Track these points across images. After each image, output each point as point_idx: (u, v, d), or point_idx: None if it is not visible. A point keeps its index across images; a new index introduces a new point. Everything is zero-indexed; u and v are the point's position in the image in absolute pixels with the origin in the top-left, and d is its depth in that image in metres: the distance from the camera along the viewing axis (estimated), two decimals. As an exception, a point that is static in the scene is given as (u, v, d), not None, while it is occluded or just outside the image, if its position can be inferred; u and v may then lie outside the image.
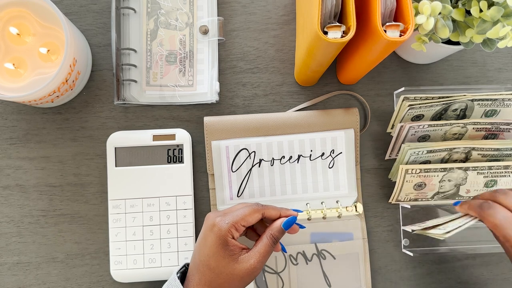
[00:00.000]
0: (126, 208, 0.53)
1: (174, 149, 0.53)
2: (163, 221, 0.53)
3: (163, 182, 0.53)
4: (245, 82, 0.58)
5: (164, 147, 0.53)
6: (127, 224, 0.53)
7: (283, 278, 0.56)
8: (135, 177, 0.53)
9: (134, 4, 0.57)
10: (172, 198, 0.53)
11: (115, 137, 0.54)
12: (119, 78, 0.55)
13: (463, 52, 0.60)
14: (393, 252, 0.58)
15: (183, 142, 0.54)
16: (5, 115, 0.57)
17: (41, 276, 0.55)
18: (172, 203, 0.53)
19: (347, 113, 0.57)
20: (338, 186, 0.56)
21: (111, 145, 0.53)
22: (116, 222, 0.53)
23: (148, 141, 0.53)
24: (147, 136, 0.53)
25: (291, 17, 0.59)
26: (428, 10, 0.44)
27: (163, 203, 0.53)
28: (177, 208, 0.53)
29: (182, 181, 0.53)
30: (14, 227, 0.56)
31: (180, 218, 0.53)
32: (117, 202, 0.53)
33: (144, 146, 0.53)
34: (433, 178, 0.53)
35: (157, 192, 0.53)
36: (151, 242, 0.53)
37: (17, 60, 0.51)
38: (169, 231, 0.53)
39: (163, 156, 0.53)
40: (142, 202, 0.53)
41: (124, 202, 0.53)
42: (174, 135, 0.54)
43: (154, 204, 0.53)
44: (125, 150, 0.53)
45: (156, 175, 0.53)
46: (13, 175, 0.56)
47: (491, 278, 0.58)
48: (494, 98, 0.53)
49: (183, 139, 0.54)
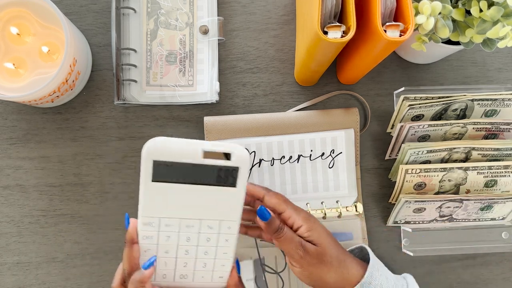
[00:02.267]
0: (160, 227, 0.44)
1: (226, 170, 0.42)
2: (201, 242, 0.45)
3: (208, 204, 0.44)
4: (245, 82, 0.58)
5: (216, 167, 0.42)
6: (159, 241, 0.45)
7: (283, 278, 0.56)
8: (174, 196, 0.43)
9: (134, 4, 0.57)
10: (215, 222, 0.45)
11: (154, 146, 0.41)
12: (119, 78, 0.55)
13: (463, 52, 0.60)
14: (393, 252, 0.58)
15: (241, 164, 0.42)
16: (5, 115, 0.57)
17: (41, 276, 0.55)
18: (215, 227, 0.45)
19: (347, 113, 0.57)
20: (338, 186, 0.56)
21: (148, 156, 0.41)
22: (147, 239, 0.44)
23: (196, 158, 0.41)
24: (196, 152, 0.41)
25: (291, 17, 0.59)
26: (428, 10, 0.44)
27: (204, 226, 0.45)
28: (219, 232, 0.45)
29: (231, 206, 0.44)
30: (14, 227, 0.56)
31: (221, 242, 0.45)
32: (149, 219, 0.44)
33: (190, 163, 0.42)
34: (433, 178, 0.53)
35: (199, 214, 0.44)
36: (184, 260, 0.46)
37: (17, 60, 0.51)
38: (206, 252, 0.46)
39: (212, 176, 0.43)
40: (179, 222, 0.44)
41: (159, 221, 0.44)
42: (230, 154, 0.42)
43: (194, 226, 0.45)
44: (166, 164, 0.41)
45: (200, 196, 0.43)
46: (13, 175, 0.56)
47: (491, 278, 0.58)
48: (494, 98, 0.53)
49: (241, 160, 0.42)
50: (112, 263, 0.56)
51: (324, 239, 0.46)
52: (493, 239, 0.58)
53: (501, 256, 0.58)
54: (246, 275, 0.55)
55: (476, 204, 0.54)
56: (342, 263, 0.46)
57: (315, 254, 0.45)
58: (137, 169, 0.57)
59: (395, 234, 0.58)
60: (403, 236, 0.57)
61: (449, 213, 0.55)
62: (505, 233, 0.58)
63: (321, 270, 0.45)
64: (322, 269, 0.45)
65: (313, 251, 0.45)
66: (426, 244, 0.57)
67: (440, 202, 0.53)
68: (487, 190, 0.54)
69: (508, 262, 0.58)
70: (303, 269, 0.45)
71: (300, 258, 0.45)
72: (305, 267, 0.45)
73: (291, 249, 0.45)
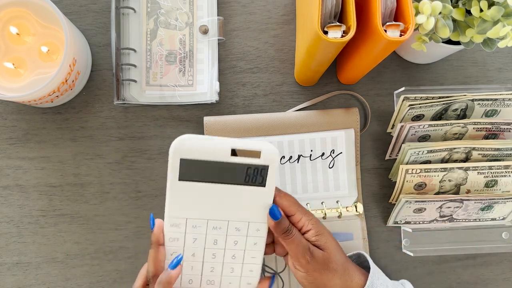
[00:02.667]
0: (186, 228, 0.43)
1: (255, 168, 0.42)
2: (229, 246, 0.44)
3: (236, 204, 0.43)
4: (245, 82, 0.58)
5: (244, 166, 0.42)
6: (186, 244, 0.44)
7: (283, 278, 0.55)
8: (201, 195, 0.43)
9: (134, 3, 0.57)
10: (244, 223, 0.44)
11: (182, 143, 0.41)
12: (119, 78, 0.55)
13: (463, 52, 0.60)
14: (393, 252, 0.58)
15: (270, 163, 0.42)
16: (4, 115, 0.56)
17: (40, 276, 0.55)
18: (243, 229, 0.44)
19: (347, 113, 0.57)
20: (338, 186, 0.56)
21: (176, 154, 0.41)
22: (173, 241, 0.44)
23: (224, 157, 0.41)
24: (224, 150, 0.41)
25: (291, 17, 0.59)
26: (428, 10, 0.44)
27: (232, 228, 0.44)
28: (247, 234, 0.44)
29: (260, 207, 0.43)
30: (14, 227, 0.56)
31: (249, 245, 0.44)
32: (176, 220, 0.43)
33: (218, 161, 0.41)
34: (434, 178, 0.53)
35: (227, 215, 0.43)
36: (211, 264, 0.45)
37: (17, 60, 0.51)
38: (234, 256, 0.45)
39: (241, 174, 0.42)
40: (207, 223, 0.44)
41: (185, 221, 0.43)
42: (259, 152, 0.41)
43: (222, 228, 0.44)
44: (193, 163, 0.41)
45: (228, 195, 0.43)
46: (13, 175, 0.56)
47: (492, 278, 0.58)
48: (495, 98, 0.53)
49: (270, 158, 0.42)
50: (112, 263, 0.56)
51: (330, 245, 0.45)
52: (493, 239, 0.57)
53: (501, 256, 0.58)
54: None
55: (476, 204, 0.54)
56: (346, 270, 0.46)
57: (321, 260, 0.44)
58: (137, 169, 0.57)
59: (395, 234, 0.58)
60: (403, 236, 0.57)
61: (449, 213, 0.55)
62: (506, 233, 0.58)
63: (326, 276, 0.44)
64: (327, 276, 0.44)
65: (320, 257, 0.44)
66: (426, 244, 0.57)
67: (440, 202, 0.53)
68: (488, 190, 0.54)
69: (508, 262, 0.58)
70: (308, 274, 0.44)
71: (306, 263, 0.44)
72: (310, 272, 0.44)
73: (298, 252, 0.44)
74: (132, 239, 0.56)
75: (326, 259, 0.44)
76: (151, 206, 0.56)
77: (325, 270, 0.44)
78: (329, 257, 0.45)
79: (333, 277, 0.45)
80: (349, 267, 0.47)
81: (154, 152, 0.57)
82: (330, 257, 0.45)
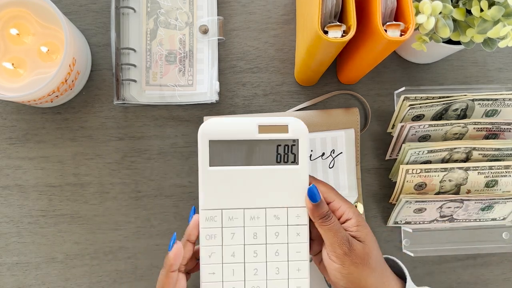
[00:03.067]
0: (223, 222, 0.41)
1: (286, 145, 0.41)
2: (270, 239, 0.41)
3: (271, 188, 0.41)
4: (245, 81, 0.58)
5: (274, 142, 0.41)
6: (224, 242, 0.41)
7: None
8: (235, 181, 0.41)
9: (134, 3, 0.57)
10: (282, 210, 0.41)
11: (210, 125, 0.40)
12: (119, 77, 0.55)
13: (463, 51, 0.60)
14: (393, 252, 0.58)
15: (299, 136, 0.41)
16: (4, 115, 0.56)
17: (40, 277, 0.55)
18: (282, 217, 0.41)
19: (348, 113, 0.57)
20: (338, 186, 0.56)
21: (204, 136, 0.40)
22: (210, 240, 0.41)
23: (252, 134, 0.40)
24: (251, 127, 0.40)
25: (291, 16, 0.59)
26: (428, 10, 0.44)
27: (270, 216, 0.41)
28: (288, 223, 0.42)
29: (296, 188, 0.41)
30: (14, 227, 0.55)
31: (292, 237, 0.42)
32: (211, 212, 0.41)
33: (247, 140, 0.40)
34: (434, 178, 0.53)
35: (263, 201, 0.41)
36: (254, 266, 0.41)
37: (17, 60, 0.51)
38: (277, 252, 0.42)
39: (272, 154, 0.41)
40: (243, 213, 0.41)
41: (221, 213, 0.41)
42: (286, 126, 0.40)
43: (260, 217, 0.41)
44: (223, 145, 0.40)
45: (262, 179, 0.41)
46: (13, 175, 0.56)
47: (492, 278, 0.58)
48: (495, 98, 0.53)
49: (299, 131, 0.41)
50: (111, 263, 0.56)
51: (371, 240, 0.42)
52: (493, 240, 0.57)
53: (501, 256, 0.58)
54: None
55: (476, 204, 0.53)
56: (384, 272, 0.42)
57: (361, 253, 0.40)
58: (137, 169, 0.57)
59: (395, 234, 0.58)
60: (403, 237, 0.57)
61: (449, 213, 0.55)
62: (506, 234, 0.57)
63: (363, 272, 0.41)
64: (364, 271, 0.41)
65: (360, 249, 0.40)
66: (427, 245, 0.57)
67: (440, 202, 0.53)
68: (488, 190, 0.54)
69: (508, 263, 0.58)
70: (344, 267, 0.40)
71: (343, 254, 0.40)
72: (346, 265, 0.40)
73: (336, 242, 0.40)
74: (132, 239, 0.56)
75: (365, 254, 0.41)
76: (151, 206, 0.56)
77: (363, 265, 0.41)
78: (369, 252, 0.41)
79: (370, 275, 0.41)
80: (386, 269, 0.43)
81: (154, 152, 0.57)
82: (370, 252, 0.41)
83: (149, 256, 0.56)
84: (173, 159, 0.57)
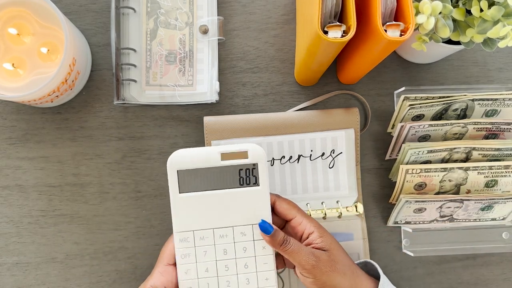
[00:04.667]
0: (195, 241, 0.45)
1: (247, 169, 0.45)
2: (239, 254, 0.46)
3: (237, 208, 0.45)
4: (245, 81, 0.58)
5: (236, 167, 0.45)
6: (197, 259, 0.46)
7: (283, 278, 0.55)
8: (203, 204, 0.45)
9: (134, 3, 0.57)
10: (248, 227, 0.46)
11: (177, 157, 0.45)
12: (119, 77, 0.55)
13: (463, 51, 0.60)
14: (393, 252, 0.58)
15: (258, 160, 0.45)
16: (4, 115, 0.56)
17: (40, 277, 0.55)
18: (248, 233, 0.46)
19: (347, 113, 0.57)
20: (338, 186, 0.56)
21: (172, 167, 0.45)
22: (185, 258, 0.45)
23: (216, 161, 0.45)
24: (214, 155, 0.45)
25: (291, 16, 0.59)
26: (428, 10, 0.44)
27: (237, 234, 0.46)
28: (254, 238, 0.46)
29: (259, 206, 0.45)
30: (14, 227, 0.55)
31: (258, 250, 0.46)
32: (184, 234, 0.45)
33: (211, 167, 0.45)
34: (434, 178, 0.53)
35: (231, 220, 0.46)
36: (227, 278, 0.46)
37: (17, 60, 0.51)
38: (246, 265, 0.46)
39: (235, 178, 0.45)
40: (213, 233, 0.46)
41: (193, 234, 0.45)
42: (246, 152, 0.45)
43: (228, 235, 0.46)
44: (190, 173, 0.45)
45: (227, 200, 0.45)
46: (12, 175, 0.56)
47: (492, 279, 0.58)
48: (495, 98, 0.53)
49: (257, 156, 0.45)
50: (111, 263, 0.56)
51: (335, 246, 0.45)
52: (493, 240, 0.57)
53: (501, 256, 0.58)
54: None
55: (476, 204, 0.54)
56: (354, 273, 0.45)
57: (328, 261, 0.44)
58: (137, 169, 0.57)
59: (395, 234, 0.58)
60: (403, 236, 0.57)
61: (449, 213, 0.55)
62: (506, 233, 0.58)
63: (335, 278, 0.44)
64: (335, 277, 0.44)
65: (326, 258, 0.44)
66: (427, 245, 0.57)
67: (440, 202, 0.53)
68: (488, 190, 0.54)
69: (508, 263, 0.58)
70: (316, 279, 0.43)
71: (312, 267, 0.43)
72: (318, 277, 0.43)
73: (301, 259, 0.43)
74: (132, 239, 0.56)
75: (332, 260, 0.44)
76: (151, 206, 0.56)
77: (333, 272, 0.44)
78: (334, 258, 0.44)
79: (342, 279, 0.44)
80: (357, 270, 0.46)
81: (154, 152, 0.57)
82: (335, 258, 0.44)
83: (149, 256, 0.56)
84: (173, 159, 0.57)
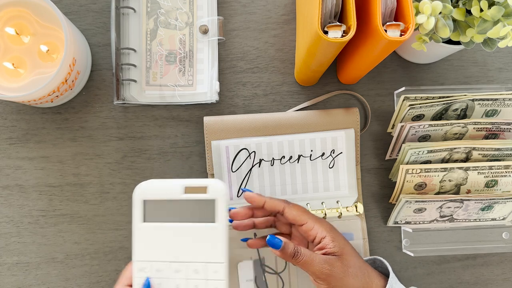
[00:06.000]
0: (151, 272, 0.44)
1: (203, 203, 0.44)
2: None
3: (193, 244, 0.44)
4: (245, 81, 0.58)
5: (196, 202, 0.44)
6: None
7: (283, 278, 0.55)
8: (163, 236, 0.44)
9: (134, 3, 0.57)
10: (201, 264, 0.43)
11: (144, 188, 0.45)
12: (119, 77, 0.55)
13: (463, 51, 0.60)
14: (393, 252, 0.58)
15: (216, 196, 0.43)
16: (4, 115, 0.56)
17: (40, 277, 0.55)
18: (201, 271, 0.44)
19: (348, 113, 0.57)
20: (338, 186, 0.56)
21: (139, 197, 0.44)
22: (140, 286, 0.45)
23: (179, 194, 0.44)
24: (178, 188, 0.44)
25: (291, 16, 0.59)
26: (428, 10, 0.44)
27: (191, 271, 0.44)
28: (207, 278, 0.44)
29: (214, 244, 0.43)
30: (14, 227, 0.55)
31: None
32: (142, 264, 0.44)
33: (174, 199, 0.44)
34: (434, 178, 0.53)
35: (186, 256, 0.44)
36: None
37: (17, 59, 0.51)
38: None
39: (194, 212, 0.44)
40: (169, 266, 0.44)
41: (150, 265, 0.44)
42: (205, 187, 0.43)
43: (182, 271, 0.44)
44: (154, 204, 0.44)
45: (186, 235, 0.44)
46: (13, 175, 0.56)
47: (492, 279, 0.58)
48: (495, 98, 0.53)
49: (216, 192, 0.43)
50: (111, 263, 0.56)
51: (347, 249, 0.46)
52: (493, 240, 0.57)
53: (501, 256, 0.58)
54: (246, 275, 0.55)
55: (476, 204, 0.53)
56: (365, 273, 0.46)
57: (341, 267, 0.44)
58: (137, 169, 0.57)
59: (395, 234, 0.58)
60: (403, 236, 0.57)
61: (449, 213, 0.55)
62: (506, 233, 0.57)
63: (348, 281, 0.45)
64: (348, 281, 0.45)
65: (339, 265, 0.44)
66: (427, 245, 0.57)
67: (440, 202, 0.53)
68: (488, 190, 0.54)
69: (508, 263, 0.58)
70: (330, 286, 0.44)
71: (326, 276, 0.44)
72: (332, 283, 0.44)
73: (315, 269, 0.44)
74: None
75: (345, 265, 0.45)
76: (151, 206, 0.56)
77: (346, 277, 0.44)
78: (347, 263, 0.45)
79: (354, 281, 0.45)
80: (368, 269, 0.47)
81: (154, 152, 0.57)
82: (348, 262, 0.45)
83: (149, 256, 0.56)
84: (173, 159, 0.57)
